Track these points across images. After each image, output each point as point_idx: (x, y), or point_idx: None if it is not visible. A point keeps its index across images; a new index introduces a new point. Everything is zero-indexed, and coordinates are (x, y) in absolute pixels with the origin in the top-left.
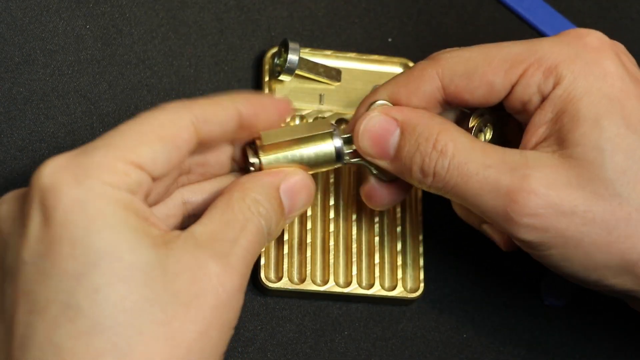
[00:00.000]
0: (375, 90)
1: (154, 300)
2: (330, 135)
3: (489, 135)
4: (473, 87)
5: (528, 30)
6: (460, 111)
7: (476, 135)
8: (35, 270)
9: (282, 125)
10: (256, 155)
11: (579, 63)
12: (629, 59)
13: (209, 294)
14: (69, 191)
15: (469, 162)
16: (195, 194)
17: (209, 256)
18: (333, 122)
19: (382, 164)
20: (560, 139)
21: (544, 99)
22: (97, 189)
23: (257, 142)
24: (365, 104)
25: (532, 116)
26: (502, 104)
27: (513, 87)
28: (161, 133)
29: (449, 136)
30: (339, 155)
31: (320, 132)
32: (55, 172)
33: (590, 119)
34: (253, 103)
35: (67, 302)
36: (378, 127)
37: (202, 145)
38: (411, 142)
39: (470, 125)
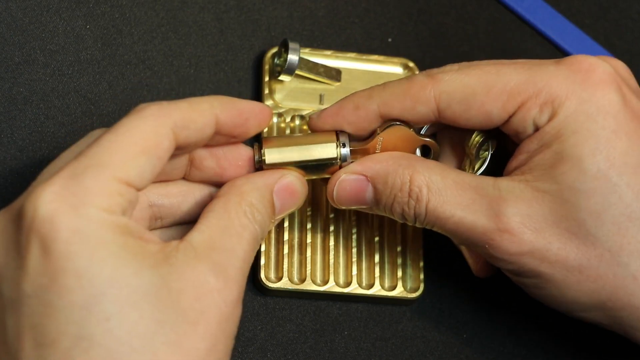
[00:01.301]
0: (369, 92)
1: (164, 321)
2: (334, 142)
3: (492, 149)
4: (470, 115)
5: (528, 31)
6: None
7: (478, 150)
8: (40, 304)
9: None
10: (260, 155)
11: (574, 100)
12: (630, 87)
13: (213, 310)
14: (67, 222)
15: (443, 203)
16: (161, 197)
17: (209, 270)
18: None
19: (364, 210)
20: (539, 172)
21: (537, 129)
22: (94, 217)
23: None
24: (351, 104)
25: (521, 142)
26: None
27: (510, 117)
28: (144, 145)
29: (421, 179)
30: (344, 159)
31: (324, 141)
32: (50, 201)
33: (572, 159)
34: (231, 109)
35: (78, 333)
36: (350, 189)
37: (177, 150)
38: (387, 194)
39: (473, 141)
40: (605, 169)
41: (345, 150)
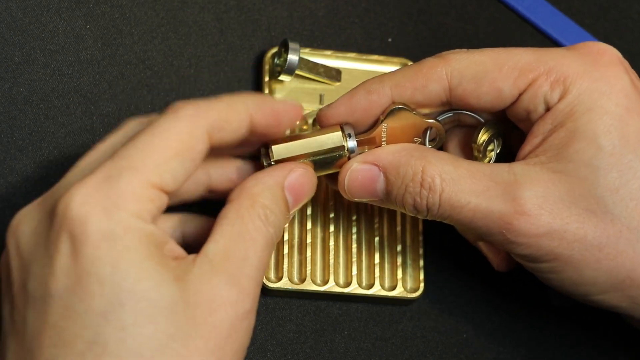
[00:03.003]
0: (380, 77)
1: (177, 336)
2: (340, 131)
3: (498, 147)
4: (481, 92)
5: (529, 30)
6: (458, 115)
7: (486, 148)
8: (62, 305)
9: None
10: (268, 157)
11: (586, 79)
12: (634, 74)
13: (225, 324)
14: (97, 224)
15: (458, 192)
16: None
17: (224, 282)
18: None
19: (375, 203)
20: (553, 152)
21: (548, 109)
22: (125, 222)
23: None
24: (363, 90)
25: (533, 125)
26: (505, 111)
27: (520, 95)
28: (179, 147)
29: (434, 169)
30: (352, 151)
31: (329, 131)
32: (85, 202)
33: (587, 136)
34: (266, 109)
35: (93, 338)
36: (361, 178)
37: (211, 150)
38: (398, 185)
39: (481, 137)
40: (621, 146)
41: (352, 142)
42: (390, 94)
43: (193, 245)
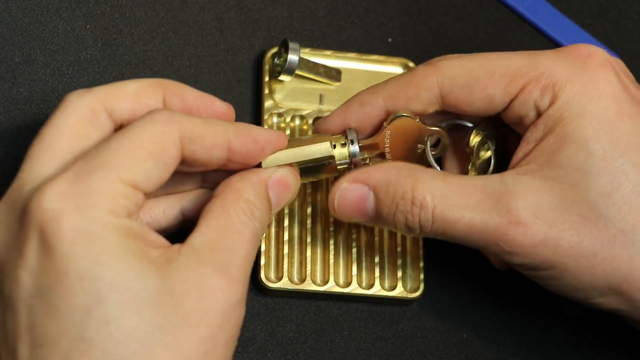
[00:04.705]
0: (373, 89)
1: (164, 326)
2: (329, 141)
3: (491, 149)
4: (473, 99)
5: (529, 30)
6: (454, 117)
7: (479, 150)
8: (41, 304)
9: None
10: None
11: (576, 83)
12: (627, 77)
13: (215, 311)
14: (71, 222)
15: (450, 207)
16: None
17: (212, 270)
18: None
19: (366, 223)
20: (544, 159)
21: (539, 115)
22: (99, 218)
23: None
24: (357, 102)
25: (525, 132)
26: (500, 115)
27: (512, 101)
28: (151, 149)
29: (424, 187)
30: (354, 155)
31: (319, 140)
32: (56, 200)
33: (577, 141)
34: (247, 137)
35: (78, 335)
36: (351, 198)
37: (185, 164)
38: (388, 204)
39: (473, 140)
40: (611, 150)
41: (354, 147)
42: (384, 105)
43: (195, 220)
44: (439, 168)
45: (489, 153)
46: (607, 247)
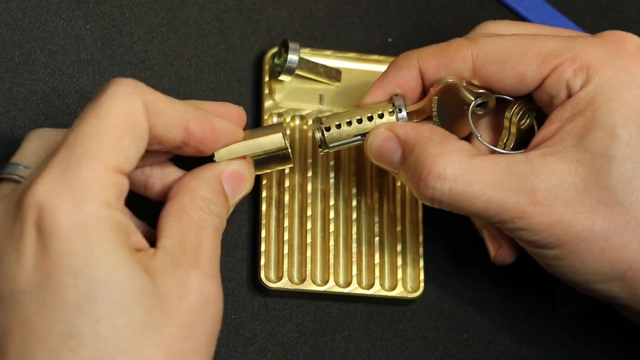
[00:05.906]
0: (407, 53)
1: (152, 325)
2: (281, 132)
3: (535, 121)
4: (504, 76)
5: None
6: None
7: (519, 122)
8: (33, 300)
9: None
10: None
11: (609, 68)
12: None
13: (196, 308)
14: (68, 218)
15: (473, 183)
16: None
17: (187, 268)
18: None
19: (393, 173)
20: (571, 141)
21: (569, 96)
22: (95, 212)
23: None
24: (394, 68)
25: (553, 111)
26: (531, 95)
27: (544, 80)
28: (126, 126)
29: (450, 158)
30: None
31: (271, 132)
32: (51, 195)
33: (605, 126)
34: (204, 122)
35: (68, 332)
36: (382, 144)
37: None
38: (409, 164)
39: (514, 111)
40: (637, 137)
41: (402, 114)
42: (418, 66)
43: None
44: (478, 134)
45: (528, 122)
46: (619, 233)
